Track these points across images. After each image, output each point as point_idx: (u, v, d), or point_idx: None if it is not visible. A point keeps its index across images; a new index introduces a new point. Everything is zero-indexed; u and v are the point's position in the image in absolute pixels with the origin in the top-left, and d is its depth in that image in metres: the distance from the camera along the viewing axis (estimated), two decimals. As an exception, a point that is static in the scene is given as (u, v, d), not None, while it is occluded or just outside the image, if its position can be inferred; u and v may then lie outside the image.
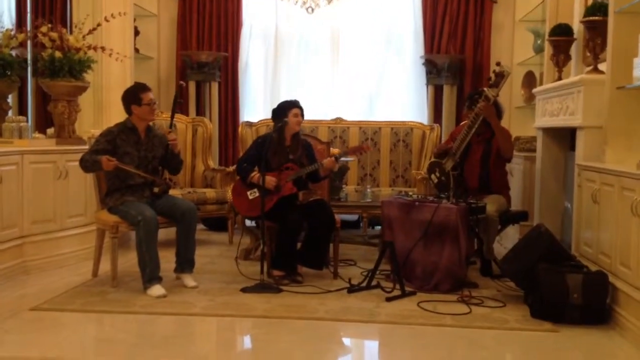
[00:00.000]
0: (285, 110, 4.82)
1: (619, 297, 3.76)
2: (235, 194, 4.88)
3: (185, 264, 4.54)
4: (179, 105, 4.78)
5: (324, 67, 7.47)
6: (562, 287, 3.80)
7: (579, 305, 3.78)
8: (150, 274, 4.28)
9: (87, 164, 4.37)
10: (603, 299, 3.83)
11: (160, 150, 4.58)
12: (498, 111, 5.09)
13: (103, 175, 4.59)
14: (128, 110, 4.50)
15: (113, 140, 4.44)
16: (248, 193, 4.76)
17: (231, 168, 6.31)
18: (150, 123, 4.61)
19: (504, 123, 5.29)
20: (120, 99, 4.57)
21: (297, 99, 4.97)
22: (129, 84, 5.78)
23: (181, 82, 5.72)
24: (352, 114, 7.19)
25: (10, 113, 5.54)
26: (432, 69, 7.16)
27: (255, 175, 4.73)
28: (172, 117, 4.73)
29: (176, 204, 4.53)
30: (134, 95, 4.48)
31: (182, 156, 4.80)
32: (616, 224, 3.81)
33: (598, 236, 4.11)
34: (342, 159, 5.02)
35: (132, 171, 4.42)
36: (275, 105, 5.00)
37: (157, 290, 4.24)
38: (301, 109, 4.85)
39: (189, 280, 4.50)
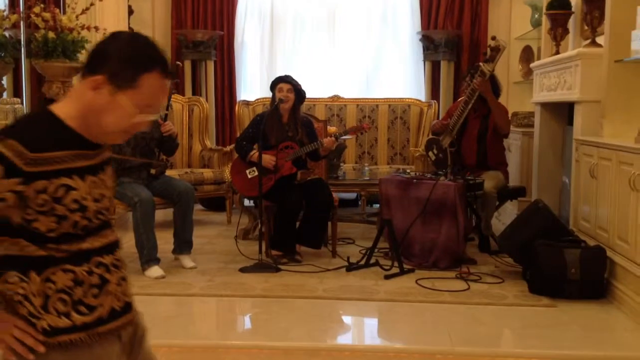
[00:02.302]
0: (273, 86, 4.80)
1: (616, 271, 3.76)
2: (234, 172, 4.86)
3: (183, 244, 4.54)
4: (175, 85, 4.74)
5: (321, 44, 7.41)
6: (560, 262, 3.81)
7: (577, 280, 3.79)
8: (147, 255, 4.29)
9: None
10: (601, 273, 3.84)
11: (157, 132, 4.54)
12: (495, 87, 5.06)
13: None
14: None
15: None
16: (247, 172, 4.74)
17: (228, 148, 6.29)
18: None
19: (501, 98, 5.26)
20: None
21: (293, 75, 4.91)
22: (123, 64, 5.74)
23: (177, 62, 5.67)
24: (349, 91, 7.15)
25: (4, 95, 5.50)
26: (429, 45, 7.10)
27: (254, 154, 4.70)
28: (169, 98, 4.70)
29: (173, 185, 4.52)
30: None
31: (179, 137, 4.77)
32: (614, 198, 3.81)
33: (596, 211, 4.11)
34: (342, 138, 4.99)
35: (117, 156, 4.40)
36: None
37: (155, 271, 4.24)
38: (290, 83, 4.75)
39: (187, 261, 4.50)
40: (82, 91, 1.48)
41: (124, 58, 1.45)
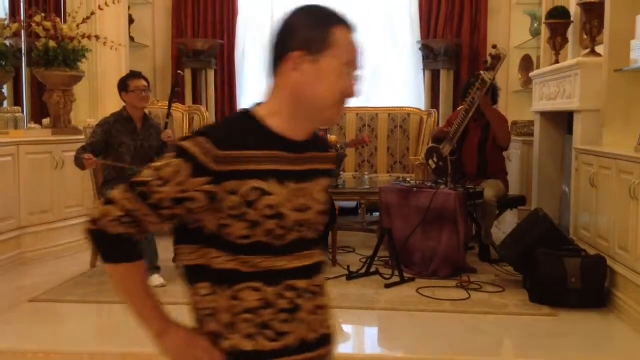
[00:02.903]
0: None
1: (617, 280, 3.76)
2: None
3: (183, 253, 4.52)
4: (176, 94, 4.77)
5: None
6: (561, 272, 3.80)
7: (578, 289, 3.79)
8: (148, 264, 4.27)
9: (76, 162, 4.38)
10: (601, 282, 3.83)
11: (157, 140, 4.56)
12: (494, 94, 5.08)
13: (100, 165, 4.59)
14: (122, 99, 4.52)
15: (109, 131, 4.43)
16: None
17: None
18: (146, 112, 4.59)
19: (501, 108, 5.27)
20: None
21: None
22: (124, 72, 5.76)
23: (179, 71, 5.69)
24: (349, 100, 7.15)
25: (5, 104, 5.52)
26: (429, 54, 7.11)
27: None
28: (170, 106, 4.72)
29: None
30: (122, 83, 4.50)
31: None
32: (614, 207, 3.81)
33: (596, 220, 4.11)
34: (342, 149, 5.00)
35: (117, 165, 4.41)
36: None
37: (155, 280, 4.23)
38: None
39: (187, 269, 4.49)
40: (281, 81, 1.41)
41: (308, 24, 1.41)
